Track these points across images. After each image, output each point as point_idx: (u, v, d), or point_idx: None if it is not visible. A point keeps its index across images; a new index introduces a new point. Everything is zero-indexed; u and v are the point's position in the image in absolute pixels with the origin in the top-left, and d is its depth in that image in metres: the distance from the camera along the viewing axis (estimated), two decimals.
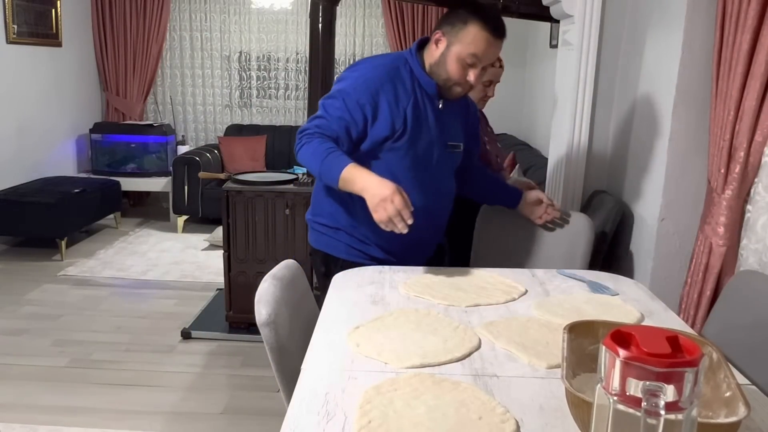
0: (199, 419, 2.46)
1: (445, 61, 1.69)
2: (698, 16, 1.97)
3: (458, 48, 1.67)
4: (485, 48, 1.66)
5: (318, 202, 1.88)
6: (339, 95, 1.69)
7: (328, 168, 1.60)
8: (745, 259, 1.80)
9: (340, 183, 1.59)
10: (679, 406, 0.71)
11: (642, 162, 2.28)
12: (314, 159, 1.62)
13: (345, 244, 1.82)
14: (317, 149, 1.62)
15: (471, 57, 1.66)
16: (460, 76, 1.70)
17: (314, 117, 1.71)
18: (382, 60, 1.78)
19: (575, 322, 1.14)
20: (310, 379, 1.12)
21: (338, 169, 1.57)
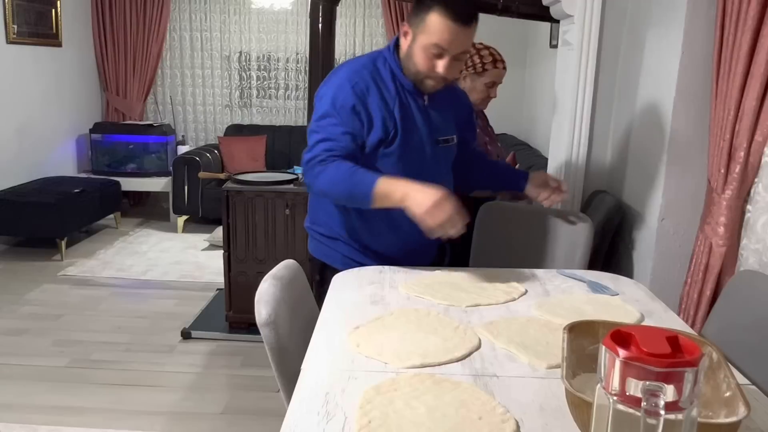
0: (199, 419, 2.46)
1: (412, 53, 1.62)
2: (698, 16, 1.97)
3: (423, 39, 1.58)
4: (449, 37, 1.56)
5: (314, 211, 1.86)
6: (331, 111, 1.61)
7: (356, 188, 1.53)
8: (745, 259, 1.80)
9: (375, 199, 1.52)
10: (679, 406, 0.71)
11: (642, 162, 2.28)
12: (338, 183, 1.54)
13: (341, 254, 1.79)
14: (338, 172, 1.54)
15: (435, 47, 1.57)
16: (428, 68, 1.61)
17: (315, 143, 1.60)
18: (360, 62, 1.70)
19: (575, 322, 1.14)
20: (310, 379, 1.12)
21: (370, 186, 1.51)
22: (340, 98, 1.61)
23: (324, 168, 1.55)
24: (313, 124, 1.64)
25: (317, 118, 1.64)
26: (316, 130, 1.62)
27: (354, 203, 1.60)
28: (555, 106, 2.68)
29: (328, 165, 1.55)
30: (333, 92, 1.63)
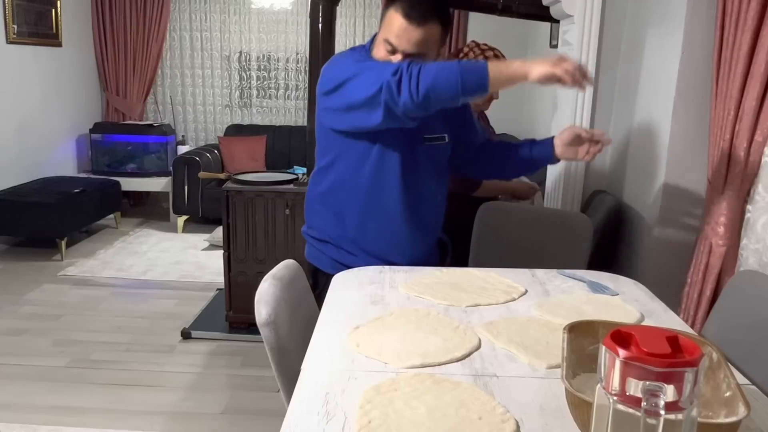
0: (199, 419, 2.46)
1: (374, 45, 1.63)
2: (698, 16, 1.97)
3: (382, 32, 1.60)
4: (399, 33, 1.54)
5: (309, 215, 1.87)
6: (358, 60, 1.55)
7: (468, 71, 1.41)
8: (745, 259, 1.80)
9: (492, 75, 1.40)
10: (679, 406, 0.71)
11: (642, 162, 2.28)
12: (448, 71, 1.40)
13: (329, 258, 1.80)
14: (440, 65, 1.41)
15: (386, 43, 1.57)
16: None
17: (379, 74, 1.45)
18: (343, 53, 1.69)
19: (575, 322, 1.14)
20: (310, 379, 1.12)
21: (482, 66, 1.41)
22: (351, 58, 1.58)
23: (421, 66, 1.42)
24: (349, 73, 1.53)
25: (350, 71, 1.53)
26: (362, 70, 1.50)
27: (468, 88, 1.41)
28: (555, 106, 2.68)
29: (423, 65, 1.42)
30: (341, 60, 1.61)
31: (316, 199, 1.82)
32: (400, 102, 1.43)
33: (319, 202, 1.81)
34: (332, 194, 1.77)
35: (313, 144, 3.10)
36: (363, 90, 1.48)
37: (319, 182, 1.80)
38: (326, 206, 1.79)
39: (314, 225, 1.84)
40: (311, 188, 1.85)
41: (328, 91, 1.62)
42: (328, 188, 1.77)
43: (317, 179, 1.81)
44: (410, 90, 1.41)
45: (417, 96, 1.41)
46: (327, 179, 1.77)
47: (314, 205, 1.84)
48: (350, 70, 1.54)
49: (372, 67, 1.50)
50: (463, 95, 1.43)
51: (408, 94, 1.41)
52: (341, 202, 1.76)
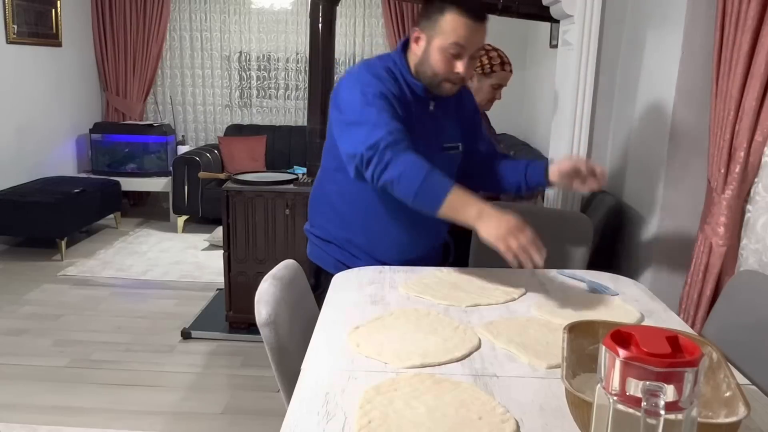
0: (199, 419, 2.46)
1: (428, 57, 1.60)
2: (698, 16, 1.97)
3: (439, 40, 1.57)
4: (467, 34, 1.55)
5: (313, 213, 1.86)
6: (365, 101, 1.53)
7: (429, 189, 1.44)
8: (745, 259, 1.80)
9: (445, 207, 1.43)
10: (679, 406, 0.71)
11: (642, 162, 2.28)
12: (411, 178, 1.44)
13: (334, 258, 1.79)
14: (412, 166, 1.44)
15: (454, 47, 1.56)
16: (446, 69, 1.59)
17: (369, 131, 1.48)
18: (373, 62, 1.68)
19: (575, 322, 1.14)
20: (310, 379, 1.12)
21: (444, 191, 1.43)
22: (368, 90, 1.55)
23: (395, 156, 1.44)
24: (350, 118, 1.54)
25: (353, 114, 1.54)
26: (360, 121, 1.51)
27: (419, 203, 1.48)
28: (555, 106, 2.68)
29: (400, 154, 1.45)
30: (359, 86, 1.57)
31: (322, 199, 1.81)
32: (365, 175, 1.51)
33: (325, 202, 1.80)
34: (340, 197, 1.75)
35: (313, 144, 3.12)
36: (348, 144, 1.55)
37: (327, 183, 1.78)
38: (333, 208, 1.78)
39: (318, 224, 1.83)
40: (318, 187, 1.84)
41: (335, 110, 1.63)
42: (336, 191, 1.76)
43: (325, 179, 1.79)
44: (373, 173, 1.48)
45: (376, 182, 1.49)
46: (336, 182, 1.74)
47: (320, 205, 1.82)
48: (353, 113, 1.55)
49: (365, 123, 1.51)
50: (413, 204, 1.49)
51: (370, 175, 1.49)
52: (349, 207, 1.75)
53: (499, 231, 1.37)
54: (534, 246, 1.37)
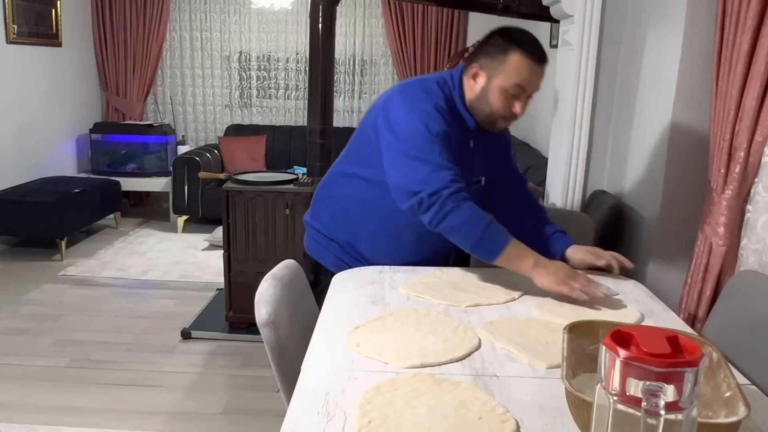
0: (199, 419, 2.46)
1: (487, 95, 1.61)
2: (698, 16, 1.97)
3: (501, 80, 1.58)
4: (530, 76, 1.57)
5: (319, 208, 1.84)
6: (429, 136, 1.52)
7: (488, 240, 1.49)
8: (745, 259, 1.80)
9: (503, 257, 1.49)
10: (679, 406, 0.71)
11: (642, 162, 2.28)
12: (471, 230, 1.48)
13: (335, 256, 1.78)
14: (472, 217, 1.48)
15: (515, 87, 1.57)
16: (505, 108, 1.61)
17: (430, 172, 1.49)
18: (431, 88, 1.63)
19: (575, 322, 1.14)
20: (310, 379, 1.12)
21: (502, 244, 1.49)
22: (433, 125, 1.54)
23: (456, 206, 1.48)
24: (411, 151, 1.52)
25: (414, 148, 1.52)
26: (421, 158, 1.51)
27: (477, 253, 1.52)
28: (555, 106, 2.68)
29: (461, 204, 1.48)
30: (420, 116, 1.55)
31: (335, 200, 1.79)
32: (421, 216, 1.53)
33: (336, 204, 1.78)
34: (356, 205, 1.74)
35: (313, 144, 3.12)
36: (406, 179, 1.53)
37: (345, 187, 1.75)
38: (344, 213, 1.76)
39: (323, 221, 1.81)
40: (331, 187, 1.81)
41: (388, 130, 1.58)
42: (353, 198, 1.74)
43: (344, 183, 1.76)
44: (432, 219, 1.51)
45: (434, 227, 1.52)
46: (356, 188, 1.72)
47: (330, 204, 1.80)
48: (414, 146, 1.52)
49: (427, 163, 1.50)
50: (470, 252, 1.55)
51: (429, 220, 1.52)
52: (363, 216, 1.73)
53: (558, 278, 1.47)
54: (593, 283, 1.47)
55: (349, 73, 5.78)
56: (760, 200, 1.75)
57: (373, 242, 1.75)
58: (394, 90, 1.66)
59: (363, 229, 1.74)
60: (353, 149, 1.76)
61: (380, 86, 5.77)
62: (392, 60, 5.62)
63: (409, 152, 1.53)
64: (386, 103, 1.63)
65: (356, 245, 1.77)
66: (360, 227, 1.75)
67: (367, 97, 5.82)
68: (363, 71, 5.78)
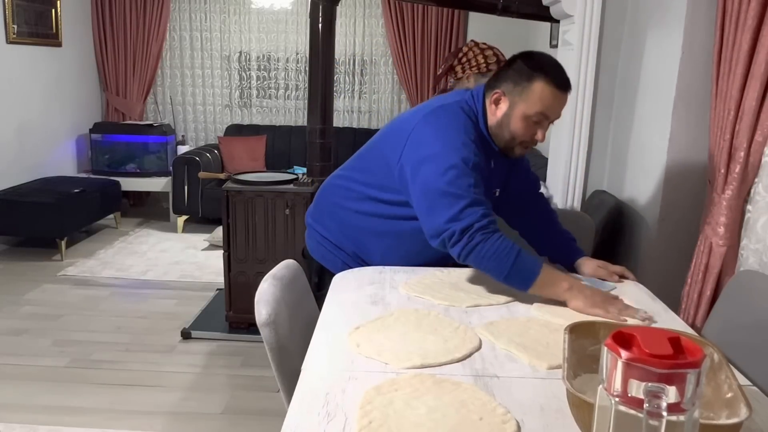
0: (199, 419, 2.46)
1: (509, 121, 1.59)
2: (698, 16, 1.97)
3: (524, 107, 1.56)
4: (554, 104, 1.56)
5: (324, 213, 1.81)
6: (463, 168, 1.50)
7: (520, 271, 1.47)
8: (745, 259, 1.80)
9: (536, 285, 1.47)
10: (681, 407, 0.71)
11: (642, 162, 2.28)
12: (501, 261, 1.46)
13: (342, 261, 1.77)
14: (501, 249, 1.46)
15: (539, 115, 1.56)
16: (526, 135, 1.59)
17: (463, 208, 1.47)
18: (459, 117, 1.61)
19: (576, 323, 1.14)
20: (310, 379, 1.11)
21: (534, 272, 1.47)
22: (470, 156, 1.53)
23: (485, 238, 1.46)
24: (442, 185, 1.50)
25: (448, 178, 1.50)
26: (453, 192, 1.49)
27: (509, 283, 1.50)
28: None
29: (489, 237, 1.47)
30: (457, 149, 1.53)
31: (343, 210, 1.76)
32: (449, 249, 1.51)
33: (346, 214, 1.75)
34: (365, 221, 1.72)
35: (313, 144, 3.12)
36: (438, 214, 1.51)
37: (353, 199, 1.74)
38: (352, 224, 1.74)
39: (331, 229, 1.79)
40: (338, 195, 1.78)
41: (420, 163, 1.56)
42: (361, 212, 1.72)
43: (351, 195, 1.74)
44: (461, 251, 1.49)
45: (463, 259, 1.51)
46: (367, 205, 1.71)
47: (338, 212, 1.77)
48: (446, 180, 1.50)
49: (461, 198, 1.48)
50: (502, 282, 1.51)
51: (458, 253, 1.50)
52: (371, 233, 1.73)
53: (595, 302, 1.43)
54: (630, 307, 1.44)
55: (349, 73, 5.77)
56: (760, 200, 1.75)
57: (382, 256, 1.74)
58: (420, 119, 1.62)
59: (374, 244, 1.74)
60: (371, 169, 1.72)
61: (380, 86, 5.77)
62: (392, 60, 5.62)
63: (442, 188, 1.50)
64: (414, 134, 1.60)
65: (364, 256, 1.76)
66: (371, 241, 1.74)
67: (367, 97, 5.81)
68: (363, 71, 5.77)
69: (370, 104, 5.82)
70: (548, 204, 1.92)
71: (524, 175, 1.89)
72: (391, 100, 5.77)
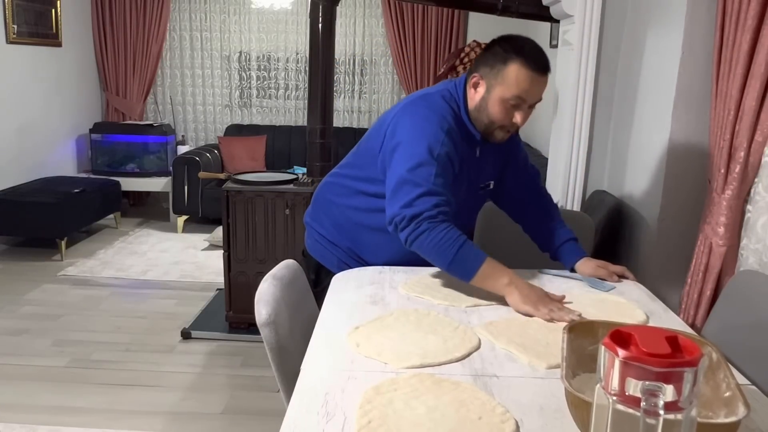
0: (199, 419, 2.46)
1: (486, 105, 1.58)
2: (698, 16, 1.97)
3: (500, 90, 1.55)
4: (530, 87, 1.54)
5: (321, 212, 1.82)
6: (428, 159, 1.51)
7: (462, 261, 1.48)
8: (745, 259, 1.80)
9: (477, 277, 1.48)
10: (678, 406, 0.71)
11: (642, 162, 2.28)
12: (444, 250, 1.47)
13: (338, 258, 1.77)
14: (446, 238, 1.47)
15: (515, 98, 1.54)
16: (504, 119, 1.58)
17: (417, 197, 1.48)
18: (442, 105, 1.61)
19: (575, 322, 1.14)
20: (310, 379, 1.12)
21: (476, 264, 1.48)
22: (437, 146, 1.53)
23: (432, 227, 1.47)
24: (404, 173, 1.52)
25: (415, 165, 1.51)
26: (413, 180, 1.50)
27: (452, 272, 1.52)
28: (555, 106, 2.68)
29: (437, 226, 1.48)
30: (427, 138, 1.54)
31: (337, 206, 1.77)
32: (398, 234, 1.53)
33: (339, 210, 1.76)
34: (358, 216, 1.73)
35: (313, 144, 3.12)
36: (395, 198, 1.52)
37: (346, 195, 1.74)
38: (345, 219, 1.75)
39: (326, 226, 1.80)
40: (333, 192, 1.79)
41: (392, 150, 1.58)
42: (354, 208, 1.73)
43: (344, 191, 1.75)
44: (407, 237, 1.51)
45: (409, 246, 1.52)
46: (358, 200, 1.72)
47: (332, 209, 1.78)
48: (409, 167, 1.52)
49: (417, 186, 1.50)
50: (446, 271, 1.54)
51: (404, 238, 1.52)
52: (364, 228, 1.73)
53: (529, 299, 1.43)
54: (564, 309, 1.43)
55: (349, 73, 5.78)
56: (760, 200, 1.75)
57: (375, 251, 1.75)
58: (399, 108, 1.63)
59: (366, 239, 1.74)
60: (359, 164, 1.73)
61: (380, 86, 5.77)
62: (392, 60, 5.62)
63: (404, 175, 1.52)
64: (392, 122, 1.61)
65: (359, 252, 1.77)
66: (363, 236, 1.74)
67: (367, 97, 5.82)
68: (363, 71, 5.78)
69: (370, 104, 5.82)
70: (550, 200, 1.90)
71: (522, 167, 1.87)
72: (391, 100, 5.77)
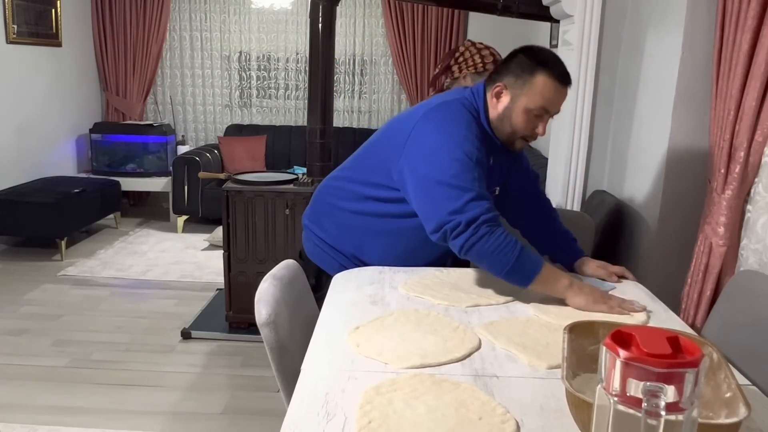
0: (199, 419, 2.46)
1: (510, 114, 1.59)
2: (698, 16, 1.97)
3: (526, 100, 1.56)
4: (555, 98, 1.57)
5: (322, 217, 1.81)
6: (468, 163, 1.50)
7: (521, 266, 1.46)
8: (745, 259, 1.80)
9: (536, 282, 1.47)
10: (679, 406, 0.71)
11: (642, 162, 2.28)
12: (503, 256, 1.45)
13: (339, 264, 1.77)
14: (504, 244, 1.45)
15: (540, 109, 1.57)
16: (527, 129, 1.60)
17: (468, 202, 1.46)
18: (462, 113, 1.60)
19: (575, 323, 1.14)
20: (310, 379, 1.12)
21: (535, 268, 1.47)
22: (473, 151, 1.53)
23: (491, 231, 1.45)
24: (447, 178, 1.49)
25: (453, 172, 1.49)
26: (458, 185, 1.48)
27: (510, 279, 1.49)
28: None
29: (495, 230, 1.46)
30: (461, 143, 1.53)
31: (341, 211, 1.76)
32: (450, 241, 1.49)
33: (344, 215, 1.75)
34: (363, 221, 1.72)
35: (313, 144, 3.12)
36: (441, 207, 1.49)
37: (351, 199, 1.73)
38: (350, 225, 1.74)
39: (328, 231, 1.79)
40: (336, 196, 1.77)
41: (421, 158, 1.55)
42: (359, 213, 1.72)
43: (350, 195, 1.73)
44: (463, 244, 1.47)
45: (464, 253, 1.49)
46: (365, 205, 1.70)
47: (335, 213, 1.77)
48: (450, 173, 1.49)
49: (466, 191, 1.48)
50: (502, 278, 1.50)
51: (460, 245, 1.47)
52: (369, 233, 1.72)
53: (593, 298, 1.46)
54: (626, 300, 1.47)
55: (349, 73, 5.77)
56: (760, 200, 1.75)
57: (380, 255, 1.74)
58: (420, 116, 1.61)
59: (374, 243, 1.74)
60: (367, 168, 1.72)
61: (380, 86, 5.77)
62: (392, 60, 5.62)
63: (445, 180, 1.49)
64: (415, 131, 1.59)
65: (362, 257, 1.76)
66: (370, 241, 1.73)
67: (367, 97, 5.82)
68: (363, 71, 5.78)
69: (370, 104, 5.82)
70: (549, 203, 1.92)
71: (523, 172, 1.89)
72: (391, 100, 5.77)
